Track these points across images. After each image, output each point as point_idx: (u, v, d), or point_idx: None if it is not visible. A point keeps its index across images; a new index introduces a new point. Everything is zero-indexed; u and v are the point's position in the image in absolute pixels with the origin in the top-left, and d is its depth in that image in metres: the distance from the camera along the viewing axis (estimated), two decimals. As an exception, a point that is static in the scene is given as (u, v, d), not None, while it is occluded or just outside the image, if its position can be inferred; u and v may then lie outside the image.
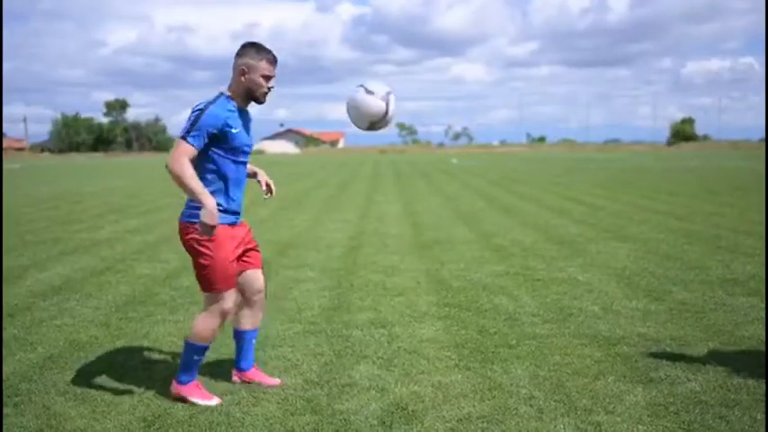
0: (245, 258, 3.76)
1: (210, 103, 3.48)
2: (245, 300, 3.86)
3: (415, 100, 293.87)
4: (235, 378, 3.94)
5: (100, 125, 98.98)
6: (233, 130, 3.50)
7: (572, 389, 3.73)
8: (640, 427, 3.25)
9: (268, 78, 3.56)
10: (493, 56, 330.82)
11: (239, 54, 3.56)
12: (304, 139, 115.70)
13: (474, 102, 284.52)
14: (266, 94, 3.60)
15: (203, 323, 3.62)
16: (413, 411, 3.46)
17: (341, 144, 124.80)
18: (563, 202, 14.59)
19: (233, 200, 3.62)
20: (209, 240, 3.47)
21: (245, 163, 3.69)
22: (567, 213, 12.31)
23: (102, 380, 3.94)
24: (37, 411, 3.50)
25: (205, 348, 3.69)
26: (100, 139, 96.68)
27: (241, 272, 3.74)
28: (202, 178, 3.45)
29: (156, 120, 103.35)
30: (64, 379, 3.96)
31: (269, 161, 44.75)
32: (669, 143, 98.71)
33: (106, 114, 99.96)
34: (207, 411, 3.48)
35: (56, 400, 3.65)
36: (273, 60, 3.58)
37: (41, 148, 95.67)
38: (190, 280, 6.66)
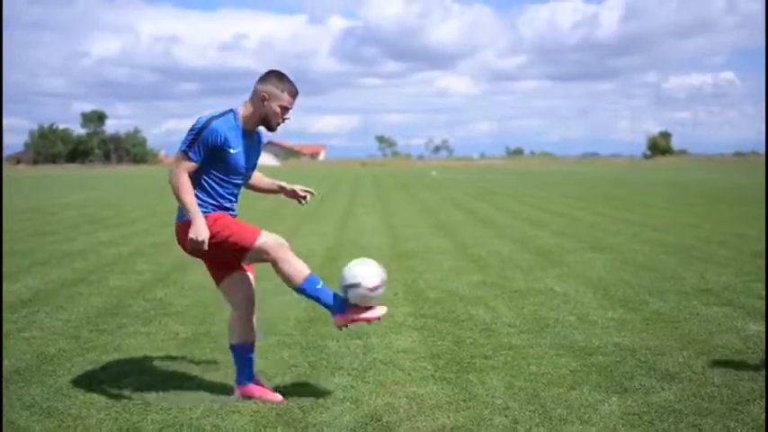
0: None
1: (215, 117, 3.48)
2: (235, 308, 3.79)
3: (399, 113, 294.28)
4: (236, 392, 3.79)
5: (77, 136, 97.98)
6: (231, 150, 3.52)
7: (547, 399, 3.71)
8: (615, 436, 3.23)
9: (286, 110, 3.60)
10: (480, 69, 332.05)
11: (262, 80, 3.58)
12: (284, 152, 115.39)
13: (456, 115, 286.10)
14: (280, 124, 3.63)
15: (287, 268, 3.55)
16: (387, 423, 3.41)
17: (321, 156, 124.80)
18: (541, 214, 14.66)
19: (233, 205, 3.73)
20: (213, 224, 3.51)
21: (238, 184, 3.70)
22: (544, 225, 12.37)
23: (70, 393, 3.84)
24: None
25: (314, 278, 3.60)
26: (77, 151, 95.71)
27: (233, 270, 3.74)
28: (196, 190, 3.54)
29: (136, 131, 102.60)
30: (30, 393, 3.86)
31: (248, 173, 44.50)
32: (646, 156, 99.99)
33: (83, 126, 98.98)
34: (176, 425, 3.40)
35: (20, 415, 3.55)
36: (295, 94, 3.62)
37: (17, 159, 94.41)
38: (164, 292, 6.58)
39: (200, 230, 3.42)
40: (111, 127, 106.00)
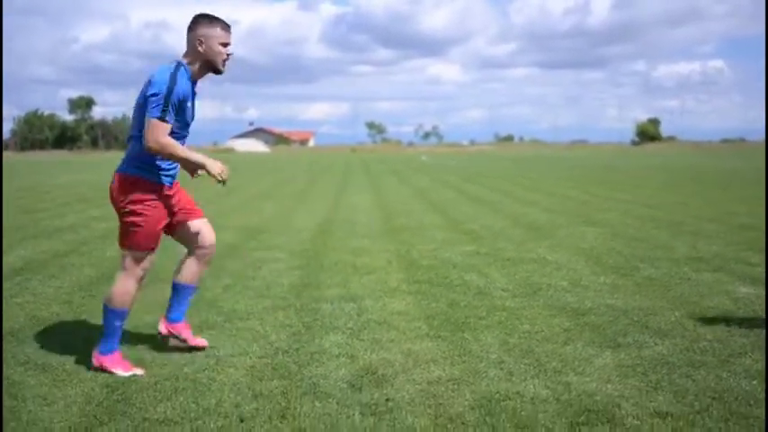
0: (184, 211, 3.73)
1: (174, 75, 3.40)
2: (193, 251, 3.81)
3: (389, 100, 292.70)
4: (161, 328, 3.87)
5: (63, 122, 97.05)
6: (188, 104, 3.51)
7: (541, 354, 3.73)
8: (609, 386, 3.26)
9: (225, 45, 3.55)
10: (471, 56, 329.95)
11: (192, 27, 3.53)
12: (274, 138, 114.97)
13: (447, 102, 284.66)
14: (225, 61, 3.58)
15: (121, 285, 3.58)
16: (383, 375, 3.43)
17: (311, 143, 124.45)
18: (532, 194, 14.71)
19: (176, 167, 3.63)
20: (143, 202, 3.48)
21: (185, 137, 3.65)
22: (536, 203, 12.41)
23: (64, 351, 3.83)
24: (-6, 380, 3.38)
25: (125, 314, 3.61)
26: (64, 137, 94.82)
27: (184, 222, 3.73)
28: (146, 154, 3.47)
29: (124, 118, 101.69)
30: (24, 351, 3.84)
31: (238, 158, 44.41)
32: (634, 143, 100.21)
33: (71, 112, 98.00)
34: (172, 377, 3.40)
35: (15, 370, 3.53)
36: (227, 27, 3.57)
37: (5, 145, 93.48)
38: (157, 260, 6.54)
39: (213, 164, 3.45)
40: (98, 113, 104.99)
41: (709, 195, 13.65)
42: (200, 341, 3.89)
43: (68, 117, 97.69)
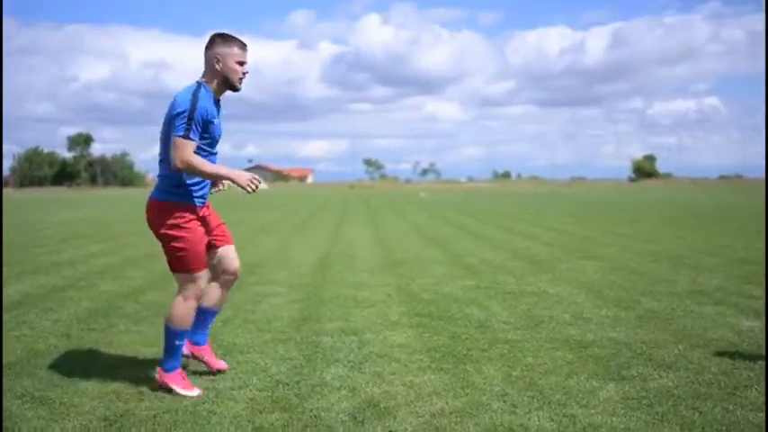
0: (214, 234, 3.79)
1: (195, 94, 3.46)
2: (218, 276, 3.87)
3: (387, 138, 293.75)
4: (185, 350, 3.87)
5: (63, 160, 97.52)
6: (215, 121, 3.56)
7: (545, 386, 3.69)
8: (615, 419, 3.22)
9: (242, 64, 3.61)
10: (469, 95, 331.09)
11: (209, 46, 3.60)
12: (272, 175, 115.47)
13: (445, 140, 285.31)
14: (242, 79, 3.63)
15: (181, 307, 3.63)
16: (385, 408, 3.38)
17: (309, 180, 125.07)
18: (532, 229, 14.72)
19: (205, 186, 3.69)
20: (181, 225, 3.54)
21: (215, 155, 3.71)
22: (536, 238, 12.41)
23: (62, 384, 3.78)
24: (-9, 412, 3.33)
25: (185, 333, 3.68)
26: (63, 174, 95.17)
27: (214, 246, 3.79)
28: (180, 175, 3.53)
29: (123, 155, 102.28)
30: (21, 384, 3.79)
31: (236, 194, 44.44)
32: (631, 180, 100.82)
33: (69, 149, 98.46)
34: (171, 410, 3.36)
35: (12, 403, 3.48)
36: (244, 46, 3.64)
37: (5, 182, 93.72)
38: (156, 295, 6.52)
39: (240, 175, 3.50)
40: (97, 151, 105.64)
41: (708, 230, 13.67)
42: (222, 364, 3.95)
43: (68, 154, 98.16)
